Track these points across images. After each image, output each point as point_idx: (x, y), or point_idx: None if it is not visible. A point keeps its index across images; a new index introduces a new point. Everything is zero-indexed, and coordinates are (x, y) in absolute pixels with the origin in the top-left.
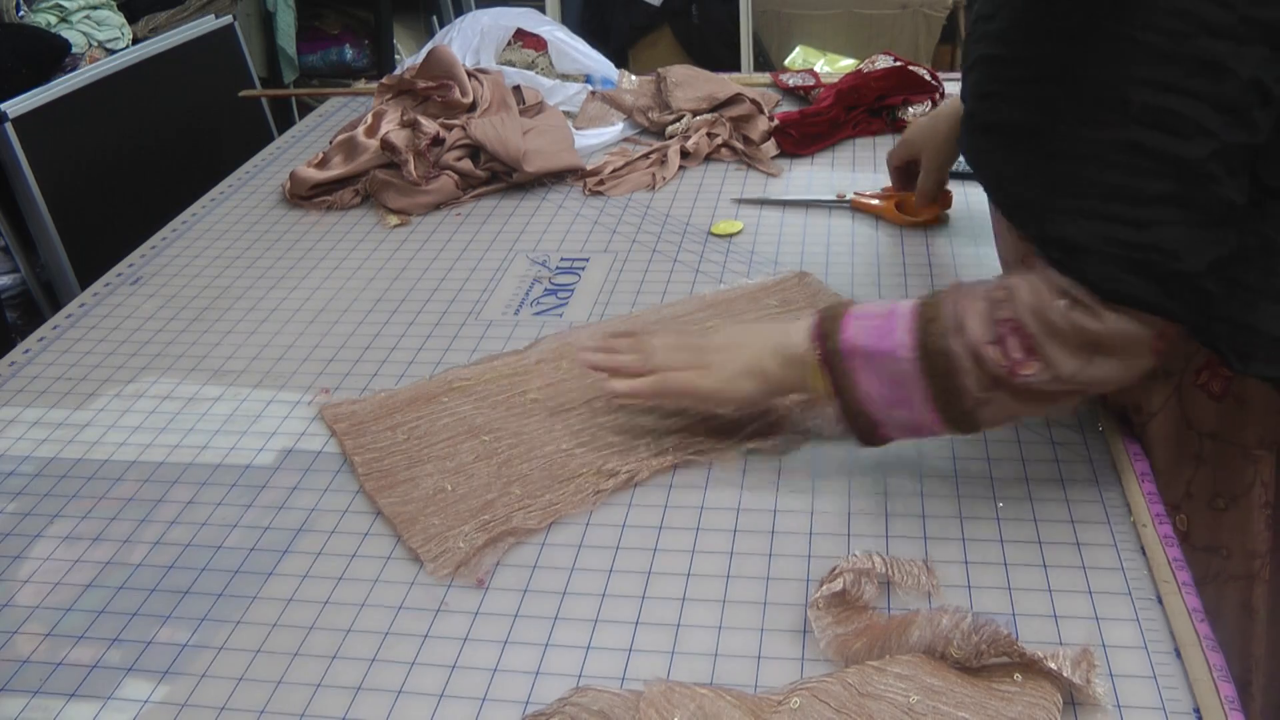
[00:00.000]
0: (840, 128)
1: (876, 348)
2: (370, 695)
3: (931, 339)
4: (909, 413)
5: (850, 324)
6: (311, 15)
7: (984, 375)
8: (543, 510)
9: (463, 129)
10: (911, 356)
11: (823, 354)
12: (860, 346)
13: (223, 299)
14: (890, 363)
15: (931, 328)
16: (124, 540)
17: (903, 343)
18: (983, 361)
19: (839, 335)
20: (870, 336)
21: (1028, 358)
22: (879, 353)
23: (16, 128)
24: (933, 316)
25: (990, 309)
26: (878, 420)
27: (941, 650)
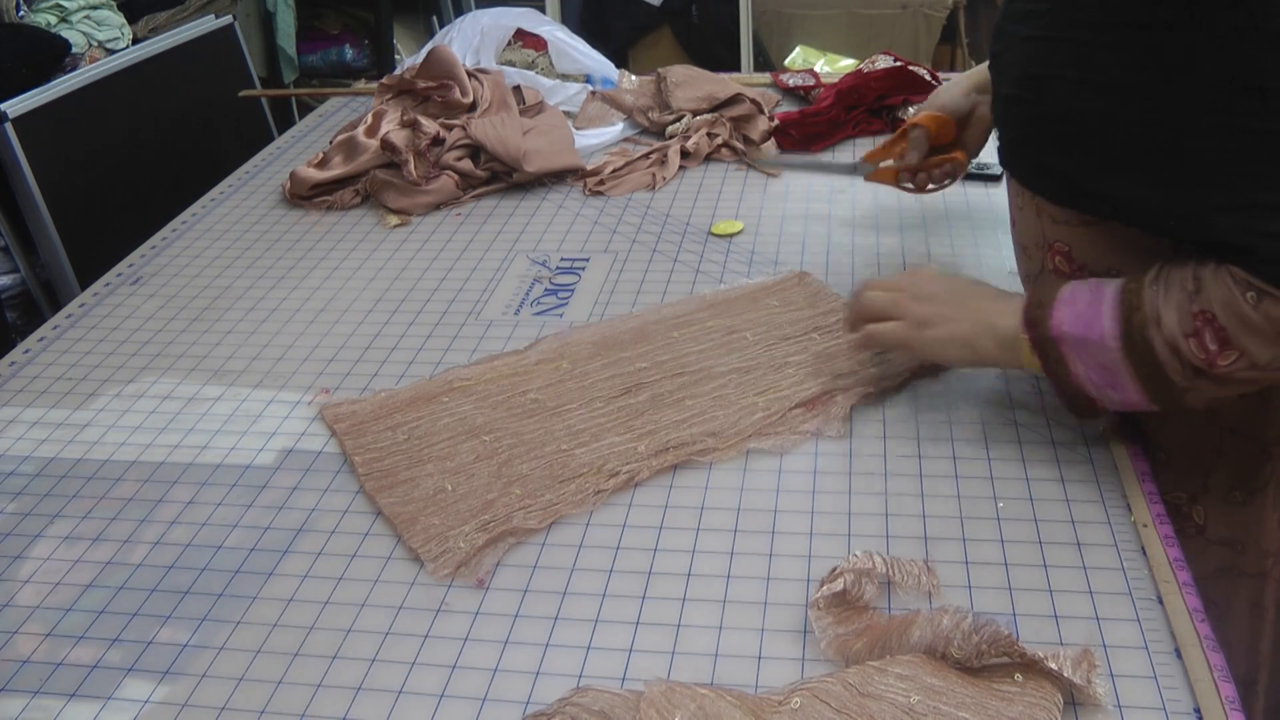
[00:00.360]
0: (840, 128)
1: (1085, 335)
2: (371, 695)
3: (1134, 329)
4: (1121, 394)
5: (1058, 310)
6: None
7: (1184, 366)
8: (543, 510)
9: (463, 129)
10: (1117, 346)
11: (1033, 339)
12: (1068, 334)
13: (223, 299)
14: (1098, 350)
15: (1135, 318)
16: (124, 540)
17: (1109, 331)
18: (1180, 354)
19: (1048, 322)
20: (1078, 324)
21: (1223, 349)
22: (1087, 340)
23: (16, 128)
24: (1136, 305)
25: (1186, 300)
26: (1094, 397)
27: (942, 650)
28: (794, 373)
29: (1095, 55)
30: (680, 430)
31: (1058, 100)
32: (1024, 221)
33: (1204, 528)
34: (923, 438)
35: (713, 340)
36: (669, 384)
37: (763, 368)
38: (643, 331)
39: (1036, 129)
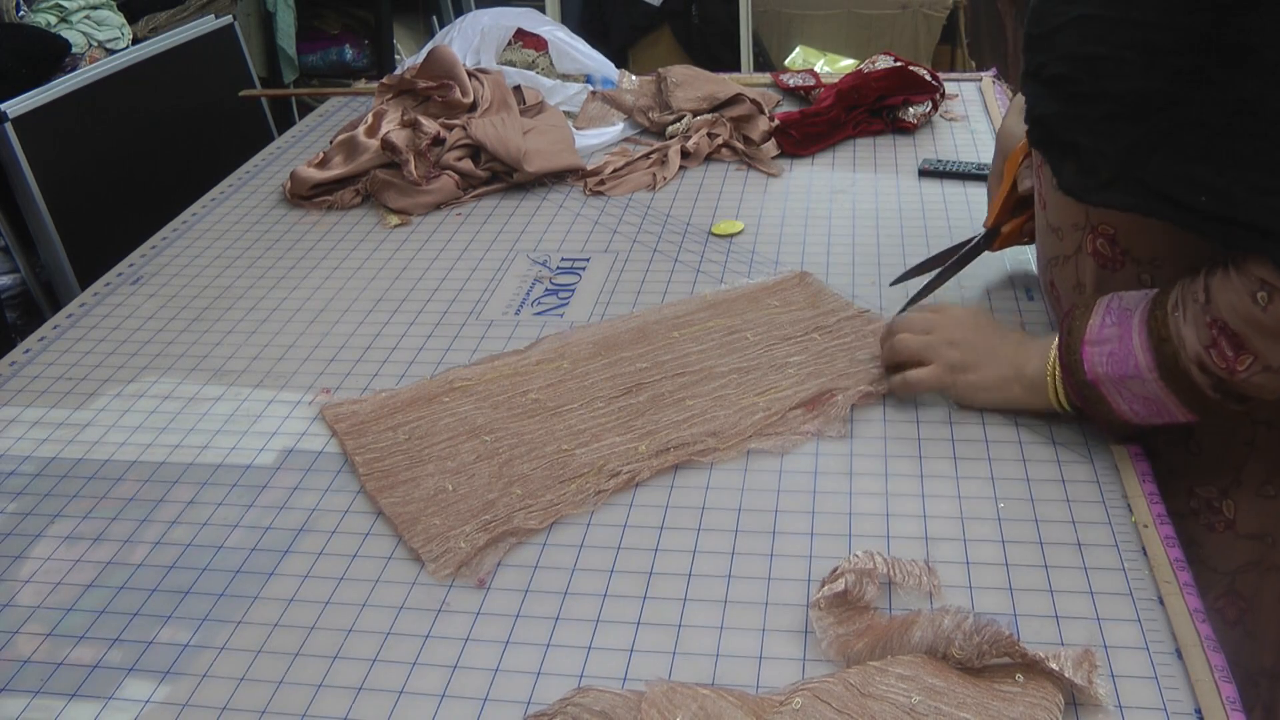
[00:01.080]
0: (841, 128)
1: (1120, 374)
2: (371, 695)
3: (1167, 359)
4: (1169, 418)
5: (1088, 352)
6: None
7: (1212, 382)
8: (544, 510)
9: (463, 129)
10: (1154, 377)
11: (1070, 385)
12: (1104, 374)
13: (223, 299)
14: (1138, 385)
15: (1165, 348)
16: (125, 540)
17: (1145, 364)
18: (1207, 369)
19: (1082, 368)
20: (1112, 365)
21: (1239, 354)
22: (1124, 377)
23: (16, 128)
24: (1165, 336)
25: (1199, 314)
26: (1139, 426)
27: (943, 651)
28: (794, 373)
29: (1155, 36)
30: (681, 430)
31: (1114, 80)
32: (1060, 203)
33: (1233, 522)
34: (923, 438)
35: (713, 340)
36: (670, 384)
37: (763, 368)
38: (643, 331)
39: (1086, 107)
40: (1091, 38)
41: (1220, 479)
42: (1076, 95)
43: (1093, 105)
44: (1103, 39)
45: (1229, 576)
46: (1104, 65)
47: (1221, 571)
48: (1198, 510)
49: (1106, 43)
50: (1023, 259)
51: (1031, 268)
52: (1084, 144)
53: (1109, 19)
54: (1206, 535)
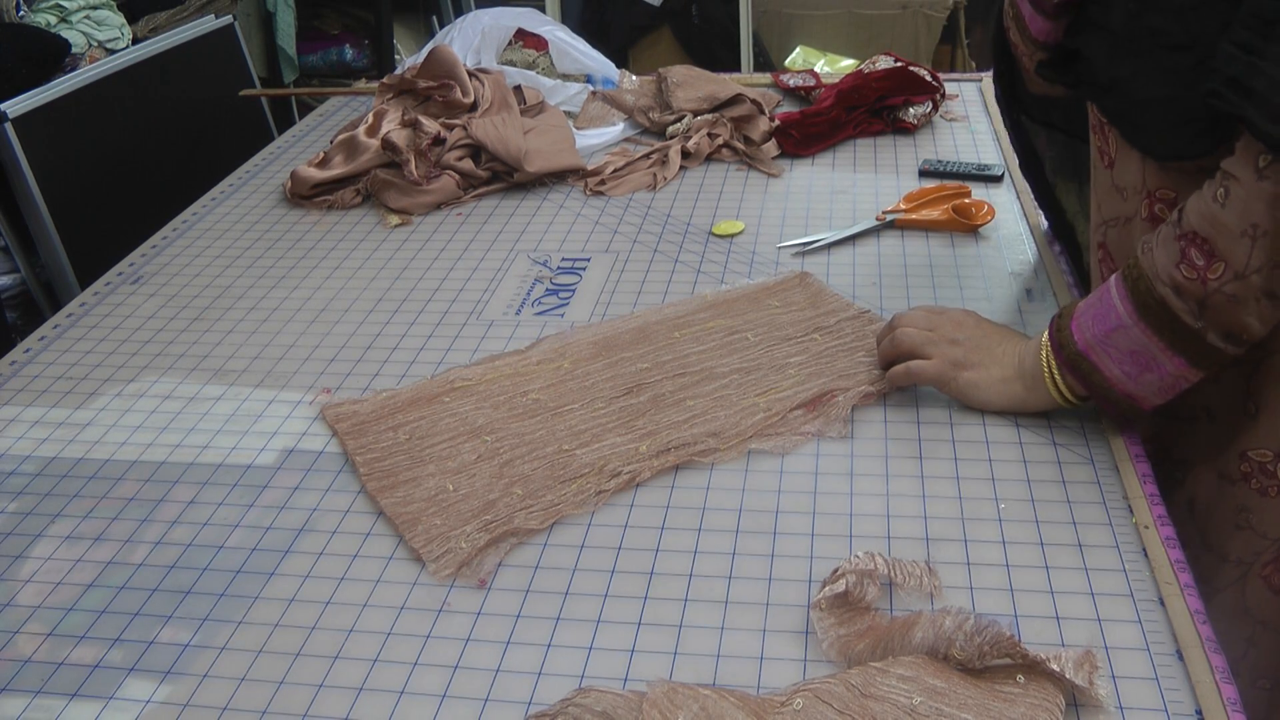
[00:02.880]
0: (841, 128)
1: (1104, 329)
2: (372, 696)
3: (1141, 294)
4: (1158, 373)
5: (1077, 324)
6: (311, 15)
7: (1189, 305)
8: (544, 510)
9: (464, 129)
10: (1135, 320)
11: (1063, 361)
12: (1091, 336)
13: (223, 299)
14: (1121, 336)
15: (1139, 285)
16: (125, 540)
17: (1123, 310)
18: (1181, 289)
19: (1073, 339)
20: (1095, 323)
21: (1209, 261)
22: (1108, 331)
23: (16, 128)
24: (1137, 275)
25: (1171, 230)
26: (1136, 395)
27: (944, 651)
28: (795, 373)
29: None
30: (681, 431)
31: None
32: (1127, 164)
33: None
34: (924, 438)
35: (714, 341)
36: (670, 384)
37: (764, 368)
38: (644, 332)
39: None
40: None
41: (1277, 440)
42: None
43: (1185, 54)
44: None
45: (1278, 542)
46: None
47: (1271, 537)
48: (1250, 474)
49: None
50: (1022, 259)
51: (1032, 266)
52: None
53: None
54: (1259, 500)
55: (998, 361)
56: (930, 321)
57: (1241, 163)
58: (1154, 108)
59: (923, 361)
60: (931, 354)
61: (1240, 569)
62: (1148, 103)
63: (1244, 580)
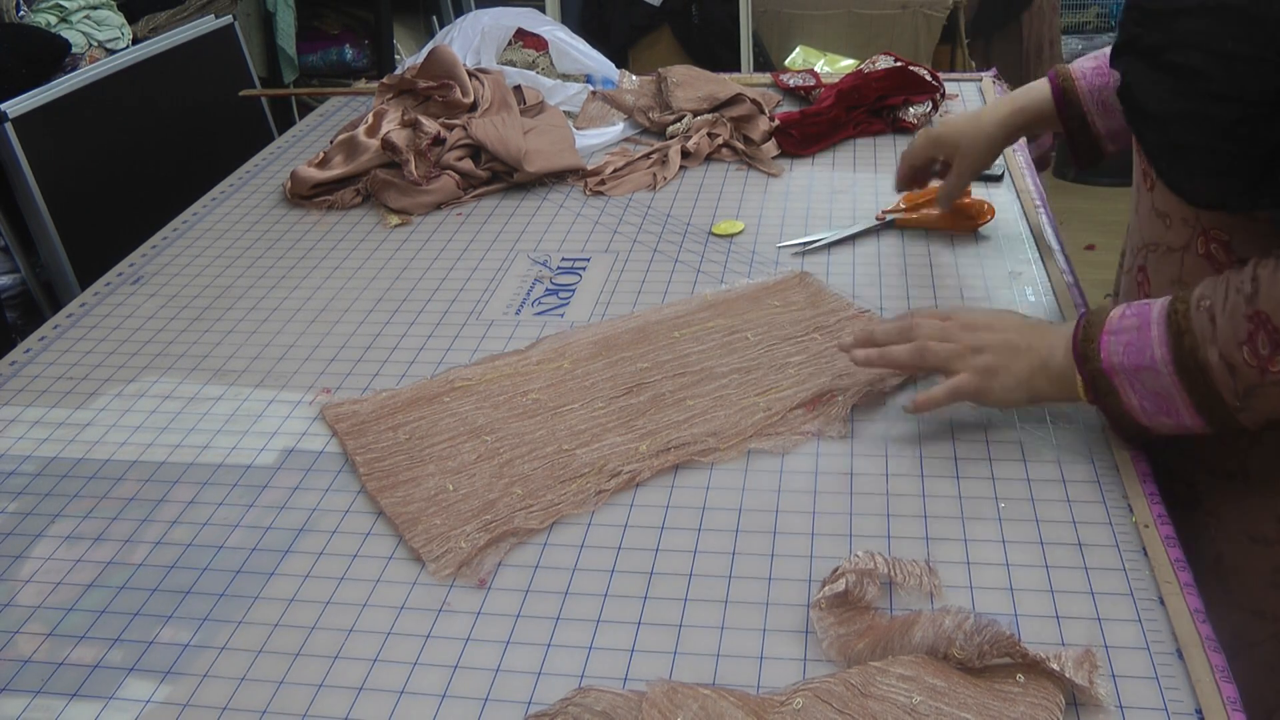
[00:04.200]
0: (841, 128)
1: (1135, 364)
2: (372, 695)
3: (1184, 353)
4: (1175, 420)
5: (1106, 341)
6: (311, 15)
7: (1238, 385)
8: (544, 510)
9: (464, 129)
10: (1169, 371)
11: (1085, 375)
12: (1119, 364)
13: (223, 299)
14: (1150, 377)
15: (1184, 341)
16: (125, 540)
17: (1160, 357)
18: (1235, 367)
19: (1099, 356)
20: (1127, 354)
21: (1275, 352)
22: (1138, 369)
23: (16, 128)
24: (1185, 329)
25: (1242, 304)
26: (1148, 427)
27: (944, 651)
28: (795, 373)
29: None
30: (681, 430)
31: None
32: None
33: None
34: (924, 437)
35: (714, 340)
36: (670, 384)
37: (764, 368)
38: (644, 331)
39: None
40: (1236, 33)
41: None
42: (1206, 93)
43: (1226, 106)
44: (1248, 37)
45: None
46: (1245, 65)
47: None
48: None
49: (1251, 41)
50: (1023, 259)
51: (1032, 266)
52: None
53: (1260, 17)
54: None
55: (1024, 358)
56: (947, 331)
57: None
58: (1192, 154)
59: (959, 378)
60: (960, 368)
61: (1275, 626)
62: (1186, 148)
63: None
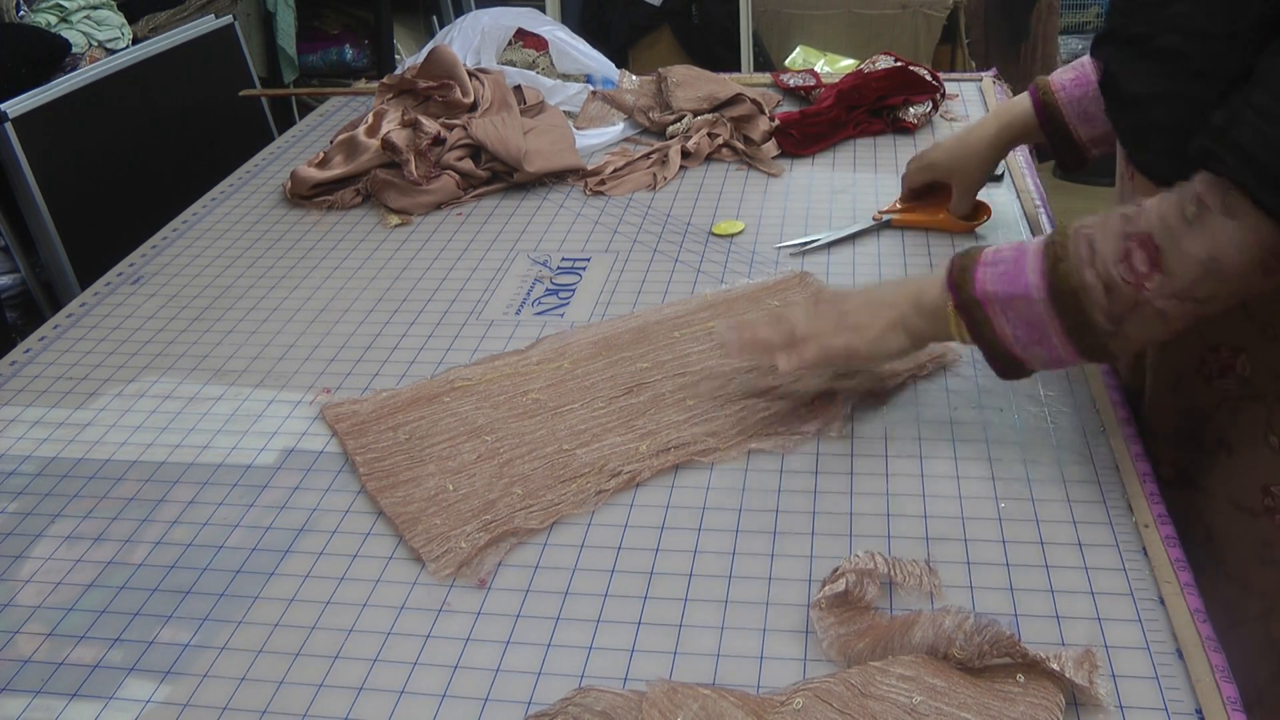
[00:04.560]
0: (841, 128)
1: (1008, 292)
2: (372, 695)
3: (1060, 278)
4: (1047, 350)
5: (980, 271)
6: (311, 15)
7: (1112, 307)
8: (544, 510)
9: (464, 129)
10: (1043, 297)
11: (957, 302)
12: (992, 292)
13: (223, 299)
14: (1024, 305)
15: (1060, 268)
16: (125, 540)
17: (1034, 284)
18: (1111, 288)
19: (972, 284)
20: (1001, 282)
21: (1152, 270)
22: (1011, 296)
23: (16, 128)
24: (1061, 256)
25: (1122, 224)
26: (1020, 358)
27: (944, 651)
28: (795, 373)
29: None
30: (681, 430)
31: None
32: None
33: None
34: (924, 438)
35: (714, 340)
36: (670, 384)
37: (764, 368)
38: (644, 331)
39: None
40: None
41: None
42: (1186, 74)
43: (1207, 84)
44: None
45: None
46: (1218, 43)
47: None
48: (1273, 508)
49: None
50: None
51: None
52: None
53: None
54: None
55: (894, 301)
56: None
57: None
58: (1169, 136)
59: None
60: (821, 329)
61: (1265, 604)
62: (1164, 130)
63: (1269, 615)
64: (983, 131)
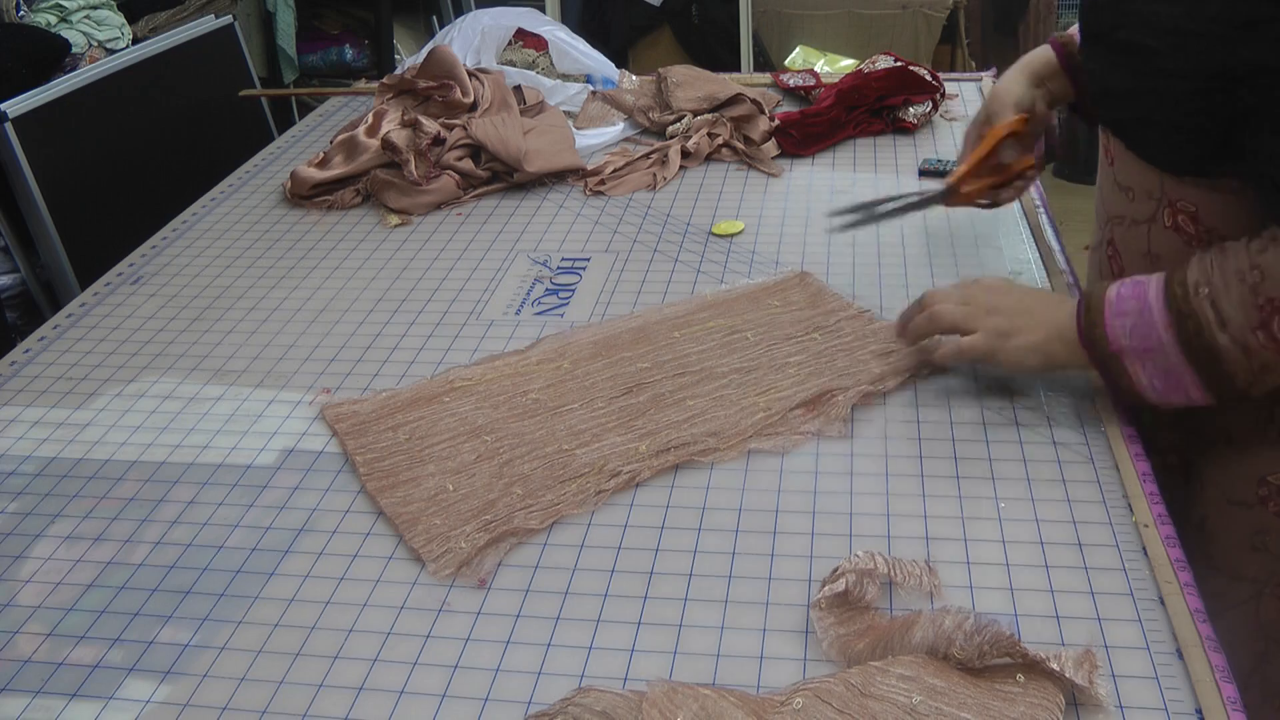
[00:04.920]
0: (841, 128)
1: (1143, 346)
2: (372, 695)
3: (1189, 335)
4: (1183, 397)
5: (1111, 326)
6: (311, 15)
7: (1252, 366)
8: (544, 510)
9: (464, 129)
10: (1177, 352)
11: (1093, 358)
12: (1127, 347)
13: (223, 299)
14: (1159, 358)
15: (1187, 324)
16: (125, 540)
17: (1167, 341)
18: (1250, 351)
19: (1105, 340)
20: (1134, 337)
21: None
22: (1146, 350)
23: (16, 128)
24: (1187, 313)
25: (1248, 295)
26: (1155, 403)
27: (944, 651)
28: (795, 373)
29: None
30: (681, 430)
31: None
32: (1132, 165)
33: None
34: (924, 438)
35: (714, 340)
36: (670, 384)
37: (764, 368)
38: (644, 331)
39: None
40: (1181, 11)
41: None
42: (1159, 70)
43: (1180, 81)
44: (1193, 13)
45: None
46: (1194, 40)
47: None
48: (1268, 498)
49: (1197, 17)
50: (1023, 258)
51: (1032, 266)
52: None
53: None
54: (1275, 522)
55: (1039, 324)
56: (964, 295)
57: None
58: (1154, 128)
59: (970, 338)
60: (975, 327)
61: (1254, 588)
62: (1148, 122)
63: (1258, 599)
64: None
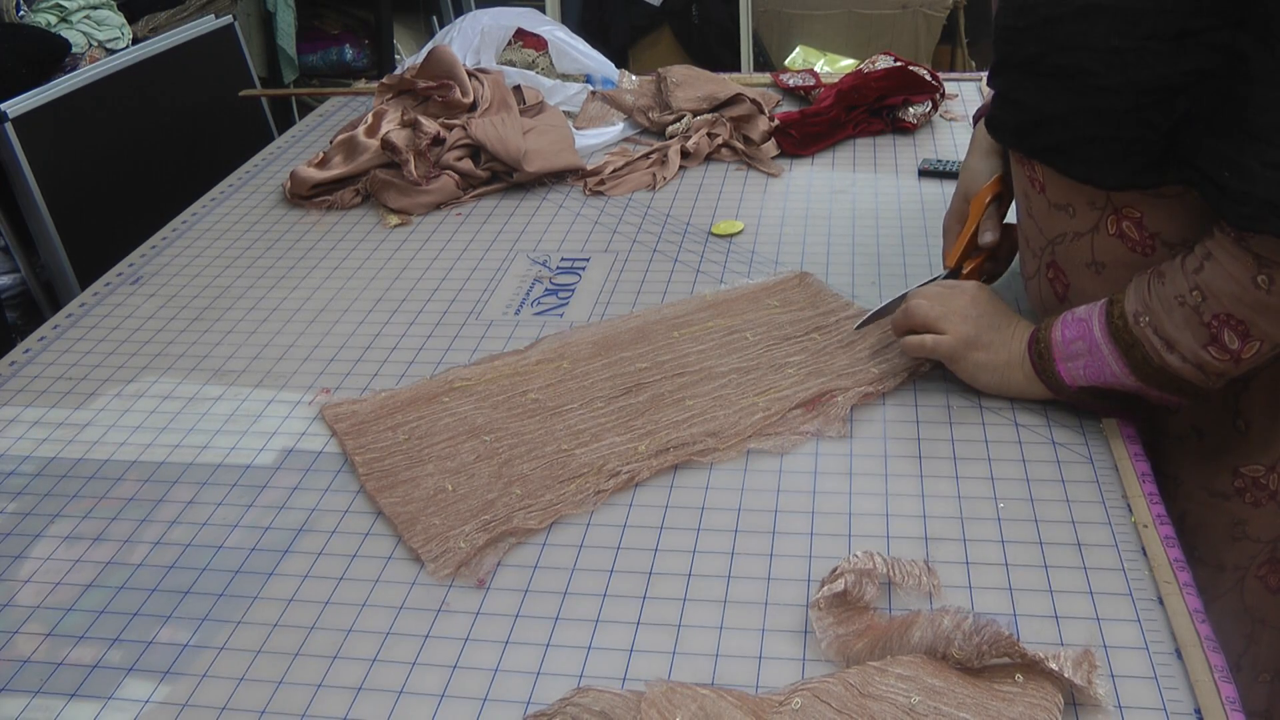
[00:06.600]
0: (841, 128)
1: (1101, 379)
2: (371, 695)
3: (1140, 361)
4: (1150, 402)
5: (1064, 366)
6: (311, 15)
7: (1209, 378)
8: (543, 510)
9: (463, 129)
10: (1134, 379)
11: (1054, 392)
12: (1085, 382)
13: (223, 299)
14: (1119, 384)
15: (1135, 353)
16: (125, 540)
17: (1120, 370)
18: (1205, 366)
19: (1064, 384)
20: (1089, 374)
21: (1245, 342)
22: (1105, 381)
23: (16, 128)
24: (1132, 342)
25: (1192, 315)
26: (1123, 415)
27: (943, 651)
28: (794, 373)
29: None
30: (681, 430)
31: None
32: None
33: (1276, 493)
34: (923, 438)
35: (713, 340)
36: (669, 384)
37: (763, 368)
38: (643, 331)
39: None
40: (1112, 30)
41: (1270, 455)
42: (1098, 89)
43: (1118, 97)
44: (1125, 31)
45: (1271, 545)
46: (1129, 56)
47: (1265, 540)
48: (1243, 489)
49: (1129, 35)
50: None
51: None
52: (1109, 135)
53: (1129, 9)
54: (1253, 512)
55: (1006, 346)
56: (944, 297)
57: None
58: (1094, 145)
59: (938, 336)
60: (944, 329)
61: (1237, 574)
62: (1087, 139)
63: (1241, 583)
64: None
